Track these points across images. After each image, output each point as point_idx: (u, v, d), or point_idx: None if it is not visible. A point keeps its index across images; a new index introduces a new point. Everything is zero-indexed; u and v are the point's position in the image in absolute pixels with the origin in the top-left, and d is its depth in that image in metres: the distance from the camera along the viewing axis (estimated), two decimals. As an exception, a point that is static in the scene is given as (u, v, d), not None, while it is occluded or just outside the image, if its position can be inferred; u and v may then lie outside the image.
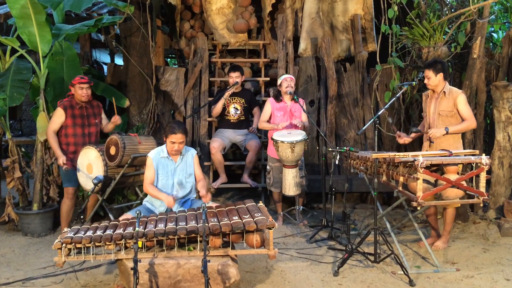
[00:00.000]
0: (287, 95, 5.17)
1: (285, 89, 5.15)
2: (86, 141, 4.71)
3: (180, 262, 3.20)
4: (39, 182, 5.09)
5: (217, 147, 5.55)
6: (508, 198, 5.01)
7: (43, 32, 5.02)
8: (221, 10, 6.71)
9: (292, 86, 5.15)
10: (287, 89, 5.14)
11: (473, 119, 4.22)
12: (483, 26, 4.87)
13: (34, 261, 4.23)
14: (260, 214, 3.39)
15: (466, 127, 4.26)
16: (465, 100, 4.22)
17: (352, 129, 6.36)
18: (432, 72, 4.22)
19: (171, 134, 3.78)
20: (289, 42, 6.40)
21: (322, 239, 4.70)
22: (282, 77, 5.27)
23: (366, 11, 6.72)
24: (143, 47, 6.01)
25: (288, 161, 4.83)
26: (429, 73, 4.25)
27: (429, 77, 4.25)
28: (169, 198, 3.74)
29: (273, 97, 5.36)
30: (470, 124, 4.22)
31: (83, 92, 4.61)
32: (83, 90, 4.61)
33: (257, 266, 4.00)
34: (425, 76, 4.28)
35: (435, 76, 4.22)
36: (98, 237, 3.22)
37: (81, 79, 4.61)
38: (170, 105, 6.40)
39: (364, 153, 4.34)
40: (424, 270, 3.85)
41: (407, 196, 3.64)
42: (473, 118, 4.23)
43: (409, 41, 5.33)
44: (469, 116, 4.20)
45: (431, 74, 4.24)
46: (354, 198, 6.42)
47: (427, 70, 4.26)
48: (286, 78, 5.21)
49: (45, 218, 5.04)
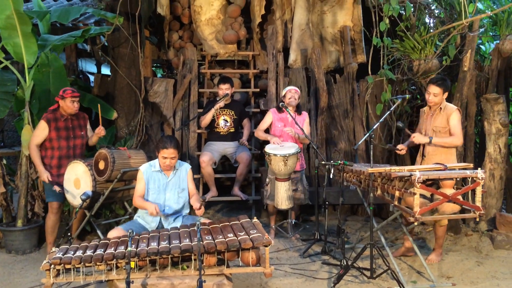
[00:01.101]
0: (290, 106, 5.13)
1: (288, 100, 5.12)
2: (70, 153, 4.59)
3: (174, 283, 3.10)
4: (24, 197, 4.94)
5: (207, 161, 5.47)
6: (499, 210, 5.02)
7: (28, 43, 4.90)
8: (210, 21, 6.66)
9: (296, 98, 5.12)
10: (290, 100, 5.11)
11: (460, 137, 4.17)
12: (473, 39, 4.91)
13: (19, 280, 4.07)
14: (255, 231, 3.32)
15: (450, 142, 4.17)
16: (458, 117, 4.17)
17: (342, 141, 6.33)
18: (440, 89, 4.15)
19: (163, 149, 3.70)
20: (279, 53, 6.37)
21: (316, 254, 4.64)
22: (287, 88, 5.24)
23: (355, 22, 6.73)
24: (131, 58, 5.91)
25: (281, 174, 4.77)
26: (436, 89, 4.15)
27: (436, 94, 4.16)
28: (152, 207, 3.60)
29: (275, 108, 5.31)
30: (455, 140, 4.15)
31: (74, 105, 4.51)
32: (74, 103, 4.51)
33: (251, 283, 3.91)
34: (430, 93, 4.19)
35: (442, 94, 4.17)
36: (89, 257, 3.10)
37: (73, 92, 4.49)
38: (159, 116, 6.30)
39: (359, 166, 4.30)
40: (421, 285, 3.81)
41: (404, 211, 3.60)
42: (460, 136, 4.17)
43: (400, 53, 5.34)
44: (457, 133, 4.14)
45: (438, 90, 4.15)
46: (345, 210, 6.38)
47: (434, 87, 4.16)
48: (291, 90, 5.18)
49: (30, 234, 4.88)
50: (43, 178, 4.43)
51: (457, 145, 4.26)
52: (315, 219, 5.78)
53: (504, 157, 4.95)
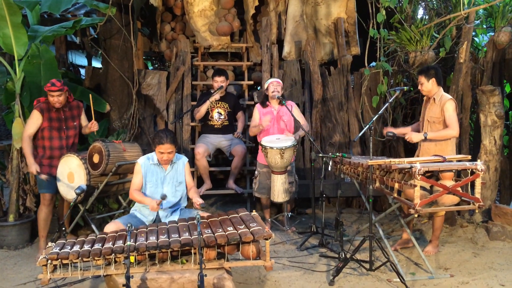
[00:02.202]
0: (273, 99, 5.06)
1: (272, 94, 5.04)
2: (63, 144, 4.49)
3: (174, 277, 3.06)
4: (15, 191, 4.84)
5: (202, 152, 5.41)
6: (493, 202, 5.05)
7: (18, 34, 4.77)
8: (203, 12, 6.57)
9: (279, 91, 5.03)
10: (274, 93, 5.02)
11: (456, 127, 4.09)
12: (469, 31, 4.90)
13: (13, 276, 3.99)
14: (255, 224, 3.28)
15: (446, 134, 4.12)
16: (453, 107, 4.12)
17: (337, 133, 6.31)
18: (424, 78, 4.19)
19: (159, 145, 3.64)
20: (273, 45, 6.31)
21: (313, 246, 4.62)
22: (269, 81, 5.16)
23: (349, 14, 6.69)
24: (124, 49, 5.81)
25: (277, 167, 4.73)
26: (422, 79, 4.22)
27: (422, 83, 4.22)
28: (153, 202, 3.57)
29: (259, 103, 5.24)
30: (451, 132, 4.09)
31: (54, 99, 4.33)
32: (54, 98, 4.33)
33: (249, 276, 3.88)
34: (418, 82, 4.24)
35: (427, 82, 4.18)
36: (87, 252, 3.04)
37: (52, 86, 4.28)
38: (152, 109, 6.21)
39: (357, 158, 4.28)
40: (419, 277, 3.81)
41: (404, 203, 3.59)
42: (456, 126, 4.09)
43: (396, 45, 5.32)
44: (452, 123, 4.07)
45: (423, 80, 4.20)
46: (340, 203, 6.36)
47: (420, 76, 4.23)
48: (273, 82, 5.10)
49: (22, 229, 4.79)
50: (31, 170, 4.33)
51: (453, 136, 4.18)
52: (310, 212, 5.79)
53: (499, 149, 4.97)
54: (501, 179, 5.40)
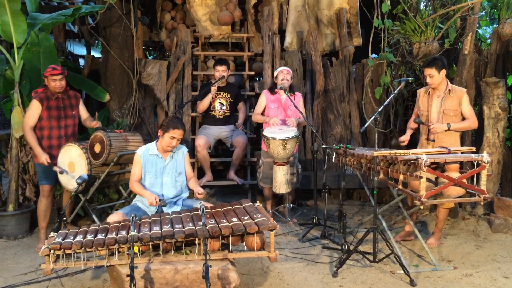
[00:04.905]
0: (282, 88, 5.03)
1: (281, 82, 5.01)
2: (62, 134, 4.43)
3: (178, 268, 3.03)
4: (15, 181, 4.79)
5: (202, 144, 5.36)
6: (496, 194, 5.04)
7: (17, 21, 4.70)
8: (204, 1, 6.48)
9: (288, 79, 5.00)
10: (283, 82, 5.00)
11: (475, 119, 4.14)
12: (474, 22, 4.86)
13: (13, 266, 3.95)
14: (260, 215, 3.25)
15: (468, 126, 4.17)
16: (468, 99, 4.15)
17: (338, 125, 6.27)
18: (435, 70, 4.06)
19: (174, 129, 3.59)
20: (275, 35, 6.24)
21: (315, 238, 4.60)
22: (279, 69, 5.13)
23: (352, 4, 6.63)
24: (124, 38, 5.73)
25: (280, 158, 4.69)
26: (431, 71, 4.06)
27: (432, 75, 4.07)
28: (152, 198, 3.53)
29: (268, 89, 5.20)
30: (472, 123, 4.14)
31: (56, 84, 4.30)
32: (56, 82, 4.30)
33: (252, 267, 3.86)
34: (426, 75, 4.12)
35: (439, 74, 4.07)
36: (90, 242, 3.00)
37: (53, 70, 4.27)
38: (152, 99, 6.14)
39: (361, 150, 4.24)
40: (423, 269, 3.80)
41: (409, 195, 3.57)
42: (475, 118, 4.14)
43: (400, 36, 5.27)
44: (472, 115, 4.12)
45: (433, 72, 4.06)
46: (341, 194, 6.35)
47: (429, 69, 4.07)
48: (283, 71, 5.07)
49: (21, 219, 4.75)
50: (41, 160, 4.23)
51: (473, 128, 4.32)
52: (311, 204, 5.76)
53: (502, 141, 4.95)
54: (503, 172, 5.38)
